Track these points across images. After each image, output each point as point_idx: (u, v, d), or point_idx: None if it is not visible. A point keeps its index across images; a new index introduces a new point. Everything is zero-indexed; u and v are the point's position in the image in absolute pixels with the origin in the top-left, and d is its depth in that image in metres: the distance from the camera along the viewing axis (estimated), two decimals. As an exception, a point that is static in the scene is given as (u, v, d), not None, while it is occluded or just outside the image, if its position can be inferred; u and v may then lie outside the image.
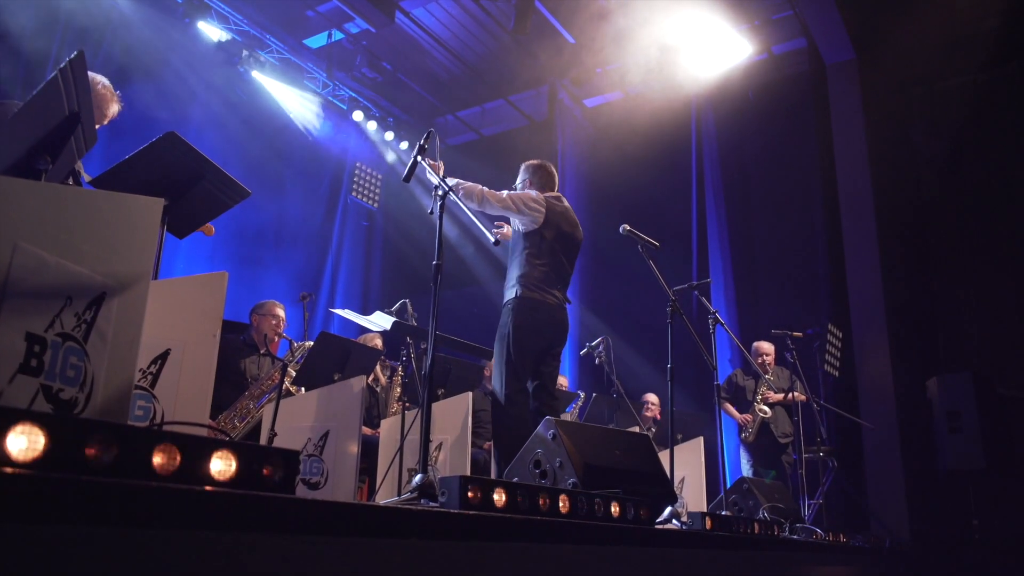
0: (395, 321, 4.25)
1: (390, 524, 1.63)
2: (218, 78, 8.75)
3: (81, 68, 2.23)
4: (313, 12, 9.27)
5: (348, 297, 10.46)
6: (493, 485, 2.12)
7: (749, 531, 3.61)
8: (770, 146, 9.19)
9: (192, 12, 8.16)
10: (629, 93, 10.20)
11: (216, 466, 1.42)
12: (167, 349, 2.72)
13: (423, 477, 2.63)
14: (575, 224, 4.47)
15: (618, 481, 2.91)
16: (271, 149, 9.26)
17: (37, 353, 1.87)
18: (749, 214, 9.40)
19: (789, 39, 9.33)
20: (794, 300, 8.48)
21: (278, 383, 4.34)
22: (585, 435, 3.07)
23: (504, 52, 10.08)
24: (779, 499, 4.68)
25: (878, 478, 7.05)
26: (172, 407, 2.66)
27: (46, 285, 1.92)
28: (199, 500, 1.31)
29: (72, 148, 2.41)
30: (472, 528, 1.89)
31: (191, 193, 3.20)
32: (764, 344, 6.96)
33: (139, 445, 1.33)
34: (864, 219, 7.88)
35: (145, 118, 7.46)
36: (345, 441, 4.18)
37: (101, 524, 1.19)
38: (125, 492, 1.22)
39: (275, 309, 5.13)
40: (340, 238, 10.59)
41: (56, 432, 1.23)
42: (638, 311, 8.84)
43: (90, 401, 2.01)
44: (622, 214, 8.35)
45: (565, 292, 4.37)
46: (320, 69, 9.89)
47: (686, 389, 7.94)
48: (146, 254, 2.23)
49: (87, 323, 2.03)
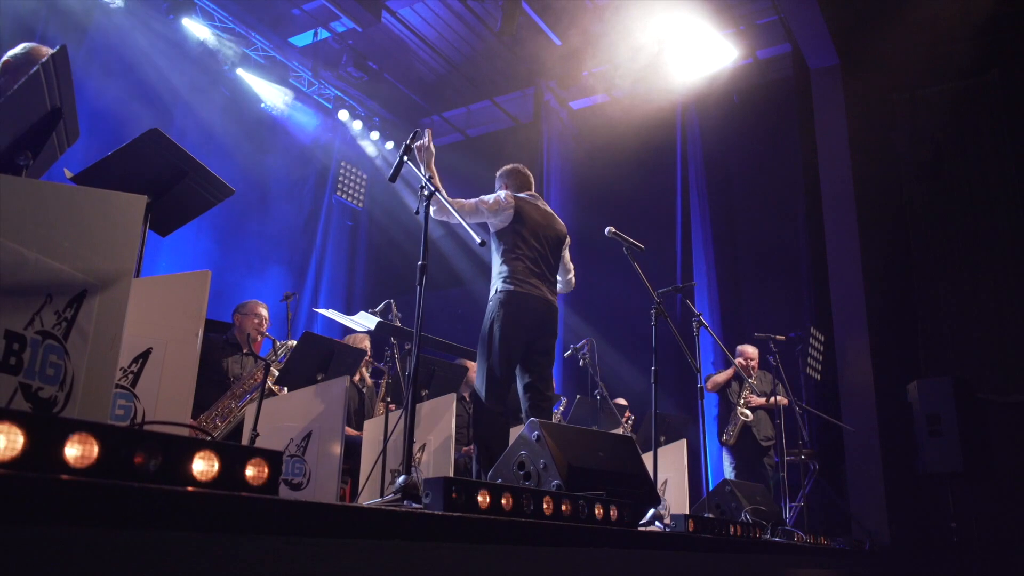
0: (379, 321, 4.23)
1: (374, 525, 1.62)
2: (202, 75, 8.69)
3: (64, 63, 2.21)
4: (299, 10, 9.23)
5: (332, 297, 10.41)
6: (477, 487, 2.11)
7: (731, 533, 3.62)
8: (754, 149, 9.25)
9: (176, 8, 8.09)
10: (615, 96, 10.22)
11: (199, 466, 1.41)
12: (149, 348, 2.69)
13: (406, 478, 2.61)
14: (551, 217, 4.48)
15: (602, 483, 2.91)
16: (255, 147, 9.21)
17: (16, 351, 1.85)
18: (733, 217, 9.45)
19: (774, 44, 9.40)
20: (777, 303, 8.54)
21: (260, 382, 4.32)
22: (569, 437, 3.07)
23: (490, 53, 10.08)
24: (761, 502, 4.70)
25: (859, 481, 7.11)
26: (154, 406, 2.63)
27: (26, 282, 1.90)
28: (181, 501, 1.29)
29: (54, 143, 2.38)
30: (456, 530, 1.88)
31: (174, 190, 3.17)
32: (748, 347, 6.99)
33: (120, 444, 1.31)
34: (846, 223, 7.95)
35: (127, 114, 7.40)
36: (328, 442, 4.15)
37: (80, 525, 1.17)
38: (105, 492, 1.21)
39: (258, 308, 5.10)
40: (324, 237, 10.55)
41: (35, 431, 1.21)
42: (622, 313, 8.86)
43: (70, 400, 1.99)
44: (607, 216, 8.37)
45: (551, 286, 4.36)
46: (305, 67, 9.84)
47: (668, 391, 7.97)
48: (128, 251, 2.21)
49: (67, 321, 2.00)
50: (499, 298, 4.12)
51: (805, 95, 8.68)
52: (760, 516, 4.53)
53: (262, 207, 9.30)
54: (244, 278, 8.78)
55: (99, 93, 7.24)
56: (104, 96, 7.29)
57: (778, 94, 9.25)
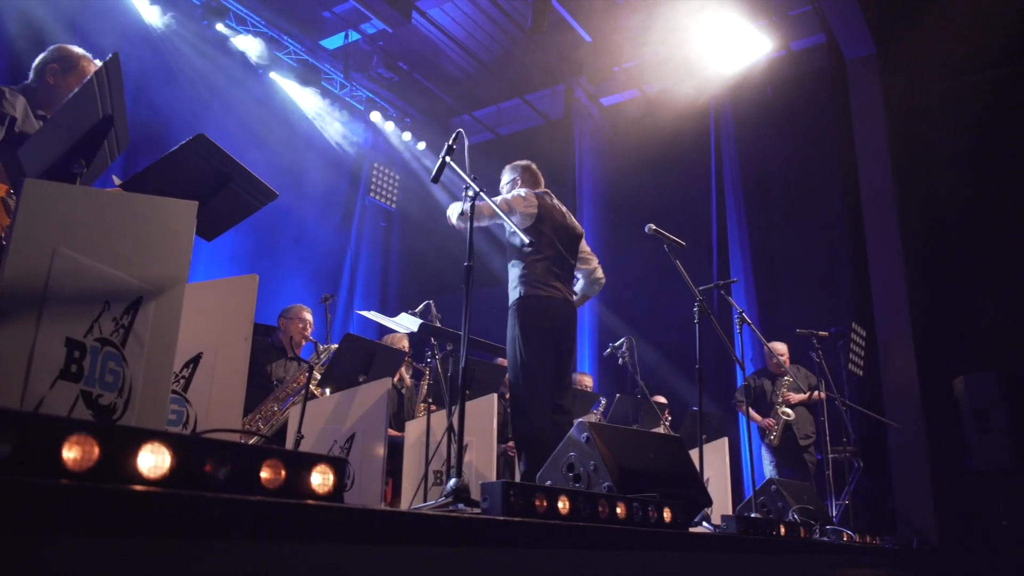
0: (422, 323, 4.23)
1: (439, 532, 1.60)
2: (236, 79, 8.76)
3: (116, 71, 2.22)
4: (330, 13, 9.27)
5: (367, 297, 10.46)
6: (535, 491, 2.09)
7: (781, 534, 3.57)
8: (790, 142, 9.11)
9: (210, 15, 8.18)
10: (646, 91, 10.14)
11: (266, 475, 1.40)
12: (199, 353, 2.71)
13: (457, 481, 2.60)
14: (566, 215, 4.42)
15: (652, 484, 2.87)
16: (289, 150, 9.27)
17: (77, 359, 1.86)
18: (769, 212, 9.31)
19: (808, 35, 9.25)
20: (815, 299, 8.40)
21: (303, 385, 4.33)
22: (618, 438, 3.04)
23: (520, 51, 10.05)
24: (808, 500, 4.63)
25: (904, 478, 6.97)
26: (205, 411, 2.64)
27: (85, 290, 1.91)
28: (252, 510, 1.29)
29: (105, 151, 2.40)
30: (517, 534, 1.86)
31: (219, 195, 3.18)
32: (778, 345, 6.85)
33: (191, 454, 1.31)
34: (887, 215, 7.79)
35: (164, 119, 7.49)
36: (371, 444, 4.16)
37: (158, 536, 1.17)
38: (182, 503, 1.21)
39: (302, 313, 5.16)
40: (359, 239, 10.60)
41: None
42: (656, 310, 8.79)
43: (128, 406, 2.00)
44: (640, 213, 8.32)
45: (569, 285, 4.31)
46: (337, 70, 9.89)
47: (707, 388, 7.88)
48: (182, 257, 2.21)
49: (125, 328, 2.01)
50: (523, 304, 4.08)
51: (841, 86, 8.52)
52: (807, 515, 4.46)
53: (296, 209, 9.35)
54: (279, 280, 8.85)
55: (136, 96, 7.32)
56: (140, 100, 7.38)
57: (813, 86, 9.11)
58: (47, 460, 1.15)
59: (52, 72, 3.39)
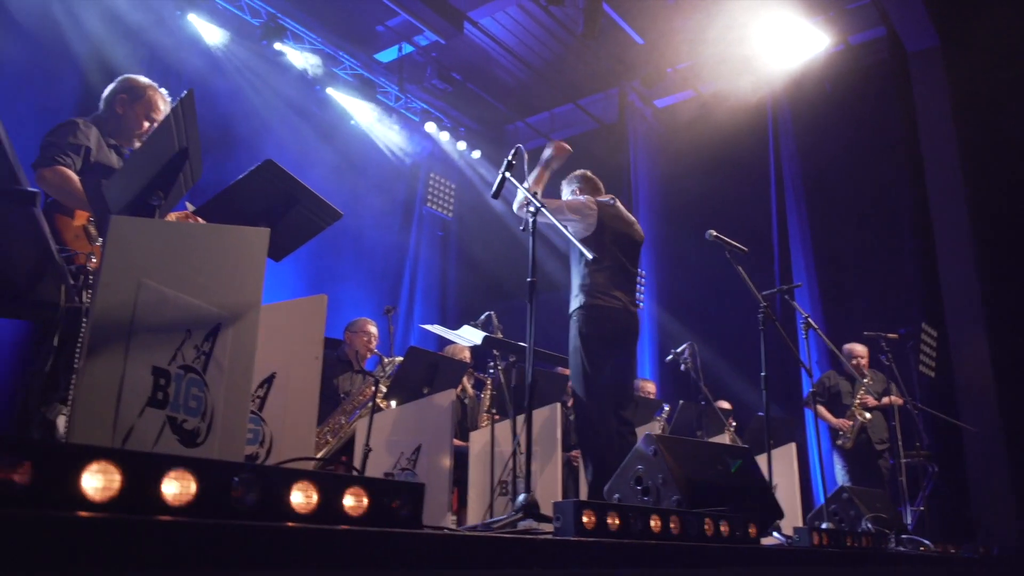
0: (485, 336, 4.26)
1: (516, 555, 1.62)
2: (295, 96, 8.96)
3: (190, 105, 2.30)
4: (383, 27, 9.42)
5: (427, 307, 10.56)
6: (606, 509, 2.09)
7: (857, 544, 3.49)
8: (851, 140, 8.89)
9: (269, 34, 8.38)
10: (701, 92, 10.03)
11: (349, 502, 1.44)
12: (272, 373, 2.78)
13: (527, 496, 2.62)
14: (631, 223, 4.40)
15: (722, 497, 2.84)
16: (347, 164, 9.43)
17: (163, 386, 1.93)
18: (831, 212, 9.08)
19: (866, 28, 9.03)
20: (882, 300, 8.18)
21: (370, 398, 4.41)
22: (686, 450, 3.02)
23: (571, 56, 10.04)
24: (881, 509, 4.51)
25: (982, 483, 6.73)
26: (281, 429, 2.71)
27: (168, 320, 1.99)
28: (335, 539, 1.32)
29: (181, 182, 2.49)
30: (589, 555, 1.87)
31: (286, 217, 3.27)
32: (857, 346, 6.69)
33: (275, 484, 1.35)
34: (955, 211, 7.54)
35: (224, 137, 7.70)
36: (437, 455, 4.21)
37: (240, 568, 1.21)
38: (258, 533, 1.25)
39: (367, 326, 5.25)
40: (416, 249, 10.72)
41: (204, 475, 1.26)
42: (717, 316, 8.68)
43: (211, 430, 2.07)
44: (697, 215, 8.23)
45: (631, 294, 4.30)
46: (392, 82, 10.03)
47: (772, 394, 7.74)
48: (256, 283, 2.29)
49: (206, 354, 2.09)
50: (585, 313, 4.07)
51: (903, 80, 8.28)
52: (881, 524, 4.35)
53: (355, 220, 9.50)
54: (341, 292, 8.99)
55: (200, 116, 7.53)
56: (202, 119, 7.58)
57: (873, 80, 8.87)
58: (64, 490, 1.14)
59: (121, 102, 3.54)
